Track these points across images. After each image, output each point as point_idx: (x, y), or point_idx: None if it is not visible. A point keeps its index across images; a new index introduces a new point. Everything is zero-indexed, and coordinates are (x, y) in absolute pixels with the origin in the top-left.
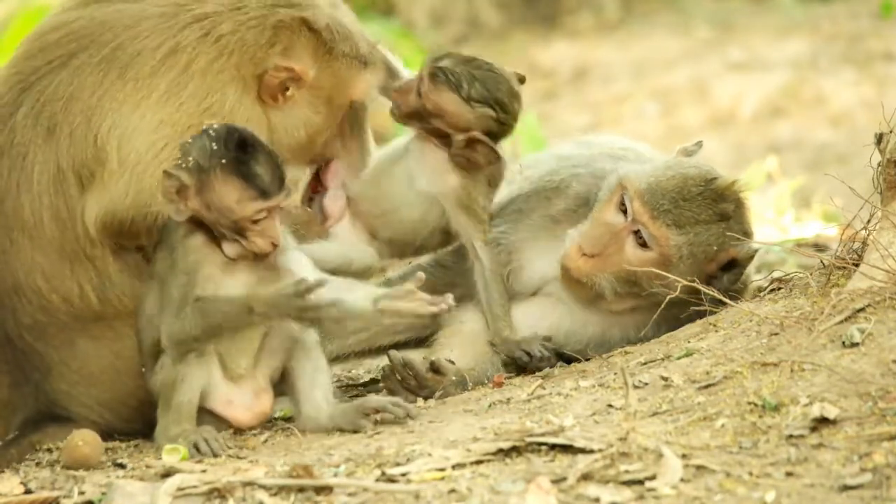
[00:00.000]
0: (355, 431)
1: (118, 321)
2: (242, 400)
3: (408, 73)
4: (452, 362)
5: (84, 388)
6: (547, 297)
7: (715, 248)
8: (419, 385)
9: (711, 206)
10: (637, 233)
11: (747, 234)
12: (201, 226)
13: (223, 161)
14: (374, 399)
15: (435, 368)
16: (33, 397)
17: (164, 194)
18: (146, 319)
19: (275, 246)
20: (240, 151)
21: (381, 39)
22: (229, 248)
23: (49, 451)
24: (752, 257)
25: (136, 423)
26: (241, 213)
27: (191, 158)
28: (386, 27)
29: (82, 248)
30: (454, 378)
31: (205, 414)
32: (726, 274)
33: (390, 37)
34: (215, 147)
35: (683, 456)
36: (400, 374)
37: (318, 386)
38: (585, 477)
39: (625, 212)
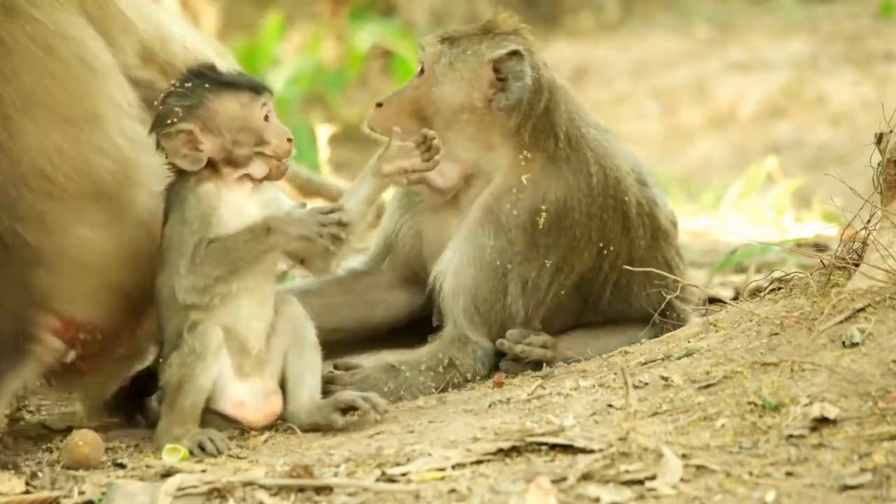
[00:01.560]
0: (329, 427)
1: (125, 192)
2: (254, 401)
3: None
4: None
5: (74, 278)
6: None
7: (471, 55)
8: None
9: (480, 31)
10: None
11: (517, 51)
12: (210, 173)
13: (207, 86)
14: (347, 394)
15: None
16: (10, 297)
17: (175, 154)
18: (166, 305)
19: (290, 140)
20: (212, 72)
21: (381, 39)
22: (257, 168)
23: (49, 451)
24: (517, 56)
25: (118, 315)
26: (252, 116)
27: (177, 109)
28: (386, 27)
29: (94, 106)
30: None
31: (211, 415)
32: (507, 89)
33: (390, 37)
34: (190, 84)
35: (683, 456)
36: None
37: (305, 386)
38: (585, 477)
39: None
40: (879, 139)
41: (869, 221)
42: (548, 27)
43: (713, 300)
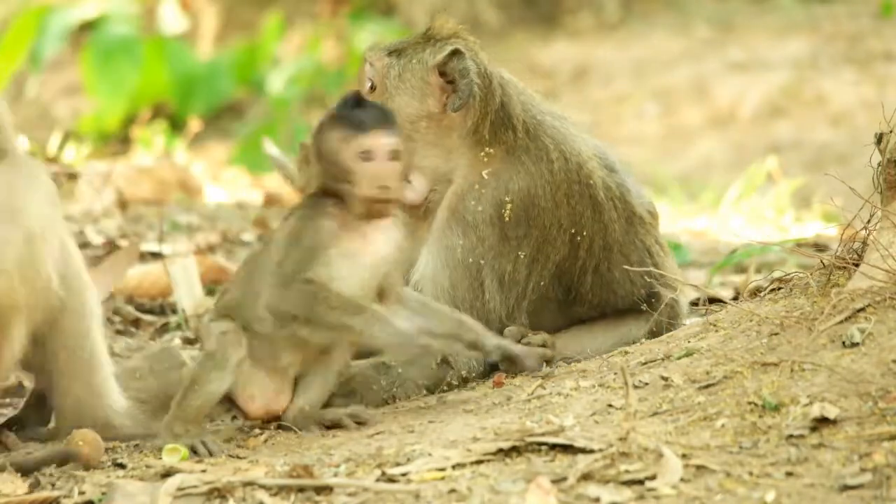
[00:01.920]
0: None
1: None
2: (263, 395)
3: None
4: None
5: None
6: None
7: (418, 62)
8: None
9: (422, 39)
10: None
11: (456, 51)
12: (336, 210)
13: (331, 113)
14: (333, 412)
15: None
16: None
17: (298, 166)
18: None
19: (386, 188)
20: (348, 101)
21: (381, 39)
22: (355, 206)
23: None
24: (458, 56)
25: None
26: (344, 153)
27: (314, 126)
28: (386, 27)
29: None
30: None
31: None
32: (456, 89)
33: (390, 37)
34: (331, 108)
35: (683, 456)
36: None
37: (305, 396)
38: (585, 477)
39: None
40: (879, 139)
41: (869, 221)
42: (548, 27)
43: (713, 300)
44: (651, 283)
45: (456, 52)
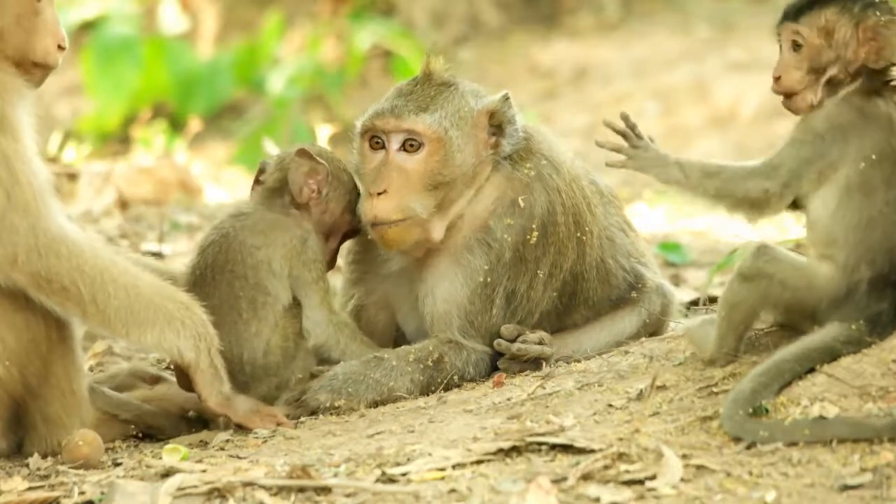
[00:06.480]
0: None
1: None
2: None
3: None
4: None
5: None
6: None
7: (465, 111)
8: None
9: (431, 84)
10: (402, 145)
11: (479, 92)
12: None
13: None
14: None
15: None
16: None
17: None
18: None
19: None
20: None
21: (381, 39)
22: None
23: None
24: (508, 102)
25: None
26: None
27: None
28: (386, 27)
29: None
30: None
31: None
32: (502, 138)
33: (390, 37)
34: None
35: (683, 456)
36: None
37: None
38: (586, 477)
39: (377, 145)
40: None
41: None
42: (548, 27)
43: (713, 300)
44: (634, 265)
45: (507, 98)
